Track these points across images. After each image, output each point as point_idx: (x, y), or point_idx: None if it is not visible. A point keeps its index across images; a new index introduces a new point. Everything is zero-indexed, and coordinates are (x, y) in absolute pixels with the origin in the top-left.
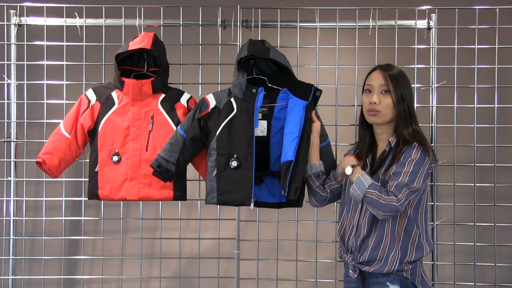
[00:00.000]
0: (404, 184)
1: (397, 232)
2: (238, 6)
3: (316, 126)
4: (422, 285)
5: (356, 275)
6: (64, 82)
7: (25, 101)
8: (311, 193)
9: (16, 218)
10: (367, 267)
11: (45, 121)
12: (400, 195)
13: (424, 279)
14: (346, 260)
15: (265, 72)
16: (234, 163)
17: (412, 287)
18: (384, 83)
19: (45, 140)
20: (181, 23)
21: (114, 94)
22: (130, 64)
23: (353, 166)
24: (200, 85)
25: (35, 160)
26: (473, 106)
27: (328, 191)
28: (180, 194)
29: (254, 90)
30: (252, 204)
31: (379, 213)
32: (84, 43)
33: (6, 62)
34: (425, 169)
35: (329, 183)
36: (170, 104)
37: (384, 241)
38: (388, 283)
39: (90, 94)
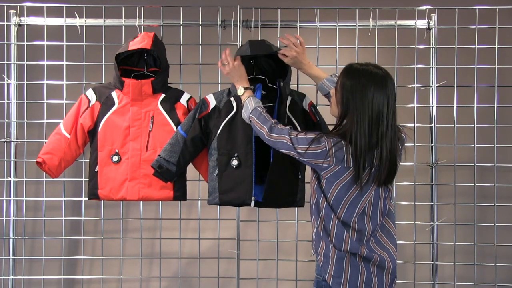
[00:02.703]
0: (284, 130)
1: (317, 224)
2: (238, 6)
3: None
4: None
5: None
6: (64, 82)
7: (25, 101)
8: None
9: (16, 218)
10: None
11: (45, 121)
12: (276, 132)
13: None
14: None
15: (265, 72)
16: (234, 162)
17: (324, 283)
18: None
19: (45, 140)
20: (181, 23)
21: (114, 94)
22: (130, 64)
23: (246, 89)
24: (200, 85)
25: (35, 160)
26: (473, 106)
27: None
28: (180, 194)
29: (252, 88)
30: (252, 202)
31: (267, 143)
32: (84, 43)
33: (6, 62)
34: (305, 150)
35: None
36: (170, 104)
37: (316, 231)
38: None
39: (90, 94)
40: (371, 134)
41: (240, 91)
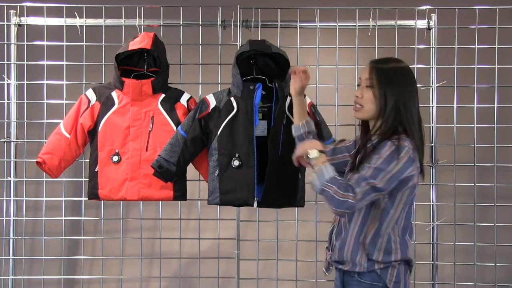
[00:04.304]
0: (364, 177)
1: (364, 233)
2: (238, 6)
3: (294, 82)
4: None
5: (328, 273)
6: (64, 82)
7: (25, 101)
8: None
9: (16, 218)
10: (341, 266)
11: (45, 121)
12: (358, 190)
13: (398, 284)
14: (327, 257)
15: (265, 72)
16: (236, 163)
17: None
18: (369, 76)
19: (45, 140)
20: (181, 23)
21: (114, 94)
22: (130, 64)
23: (320, 152)
24: (200, 85)
25: (35, 160)
26: (473, 106)
27: None
28: (180, 194)
29: (251, 87)
30: (255, 203)
31: (334, 209)
32: (84, 43)
33: (6, 62)
34: (394, 170)
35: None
36: (170, 104)
37: (348, 242)
38: (359, 279)
39: (90, 94)
40: (420, 126)
41: (314, 154)
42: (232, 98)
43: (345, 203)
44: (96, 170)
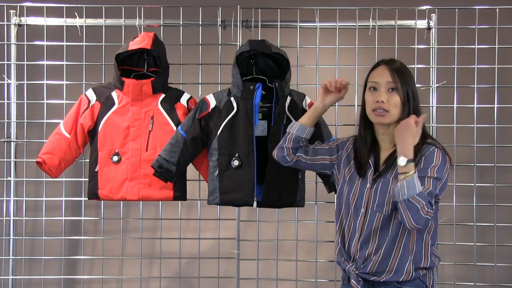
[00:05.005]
0: (432, 192)
1: (411, 242)
2: (238, 6)
3: (325, 96)
4: None
5: (360, 286)
6: (64, 82)
7: (25, 101)
8: (278, 147)
9: (16, 218)
10: (375, 277)
11: (45, 121)
12: (431, 205)
13: (433, 283)
14: (346, 269)
15: (265, 72)
16: (236, 162)
17: None
18: (392, 80)
19: (45, 140)
20: (181, 23)
21: (114, 94)
22: (130, 64)
23: (410, 161)
24: (200, 85)
25: (35, 160)
26: (473, 106)
27: (295, 160)
28: (180, 194)
29: (251, 87)
30: (255, 203)
31: (413, 224)
32: (84, 43)
33: (6, 62)
34: (445, 177)
35: (302, 154)
36: (170, 104)
37: (395, 251)
38: (399, 286)
39: (90, 94)
40: None
41: (403, 162)
42: (232, 98)
43: (426, 220)
44: (96, 170)
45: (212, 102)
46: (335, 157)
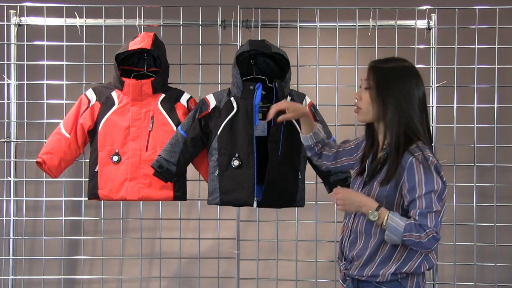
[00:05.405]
0: (424, 212)
1: (399, 248)
2: (238, 6)
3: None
4: None
5: (345, 285)
6: (64, 82)
7: (25, 101)
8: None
9: (16, 218)
10: (358, 276)
11: (45, 121)
12: (429, 223)
13: None
14: (340, 266)
15: (265, 72)
16: (236, 162)
17: None
18: (366, 77)
19: (45, 140)
20: (181, 23)
21: (114, 94)
22: (130, 64)
23: (377, 209)
24: (200, 85)
25: (35, 160)
26: (473, 106)
27: (325, 166)
28: (180, 194)
29: (251, 87)
30: (255, 203)
31: (426, 251)
32: (84, 43)
33: (6, 62)
34: (438, 186)
35: (325, 162)
36: (170, 104)
37: (378, 257)
38: (377, 285)
39: (90, 94)
40: (427, 122)
41: (374, 215)
42: (232, 98)
43: (433, 241)
44: (96, 170)
45: (212, 102)
46: (354, 156)
